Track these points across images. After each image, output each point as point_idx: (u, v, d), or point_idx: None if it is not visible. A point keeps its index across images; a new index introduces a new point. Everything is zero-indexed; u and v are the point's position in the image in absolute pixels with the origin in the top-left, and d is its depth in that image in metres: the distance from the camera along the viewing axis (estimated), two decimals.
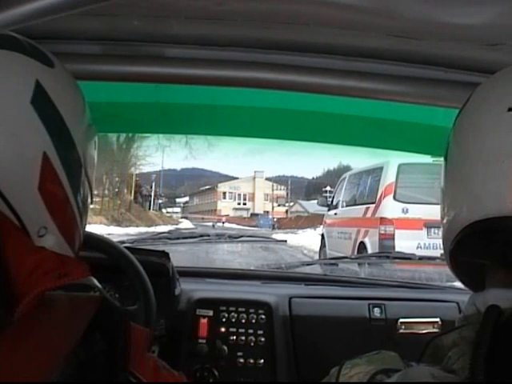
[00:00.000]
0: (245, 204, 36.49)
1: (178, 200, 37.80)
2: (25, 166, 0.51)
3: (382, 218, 5.88)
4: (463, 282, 0.65)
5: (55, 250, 0.53)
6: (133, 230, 13.13)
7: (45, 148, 0.52)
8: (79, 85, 0.65)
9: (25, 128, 0.52)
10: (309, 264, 2.25)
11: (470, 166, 0.55)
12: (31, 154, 0.52)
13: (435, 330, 1.42)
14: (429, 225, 5.45)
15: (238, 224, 24.43)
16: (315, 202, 10.12)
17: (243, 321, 1.40)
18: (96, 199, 17.05)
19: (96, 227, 10.93)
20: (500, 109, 0.53)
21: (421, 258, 2.01)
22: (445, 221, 0.59)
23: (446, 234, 0.59)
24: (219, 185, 36.54)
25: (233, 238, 2.40)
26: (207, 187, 37.93)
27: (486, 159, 0.52)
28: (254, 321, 1.40)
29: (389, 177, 6.02)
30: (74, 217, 0.60)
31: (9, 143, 0.50)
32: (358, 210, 6.65)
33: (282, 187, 34.72)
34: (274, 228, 23.02)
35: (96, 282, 1.11)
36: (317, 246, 8.38)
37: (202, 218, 29.12)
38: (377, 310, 1.46)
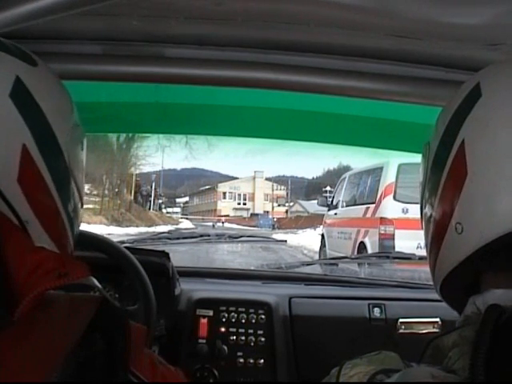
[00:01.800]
0: (245, 204, 36.46)
1: (178, 200, 37.78)
2: (3, 157, 0.52)
3: (381, 218, 5.88)
4: (451, 304, 0.64)
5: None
6: (133, 230, 13.12)
7: (24, 140, 0.53)
8: (79, 85, 0.65)
9: (3, 120, 0.53)
10: (309, 264, 2.25)
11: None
12: (10, 145, 0.53)
13: (435, 330, 1.42)
14: None
15: (237, 224, 24.42)
16: (315, 202, 10.11)
17: (243, 321, 1.40)
18: (96, 199, 17.05)
19: (96, 227, 10.92)
20: None
21: (421, 258, 2.01)
22: (450, 238, 0.56)
23: (452, 251, 0.56)
24: (219, 185, 36.51)
25: (233, 238, 2.39)
26: (207, 187, 37.89)
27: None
28: (253, 321, 1.40)
29: (389, 177, 6.02)
30: (59, 215, 0.59)
31: None
32: (358, 210, 6.65)
33: (282, 187, 34.69)
34: (273, 228, 23.02)
35: (96, 282, 1.11)
36: (317, 246, 8.37)
37: (202, 218, 29.13)
38: (377, 310, 1.46)
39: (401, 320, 1.43)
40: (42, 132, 0.56)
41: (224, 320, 1.39)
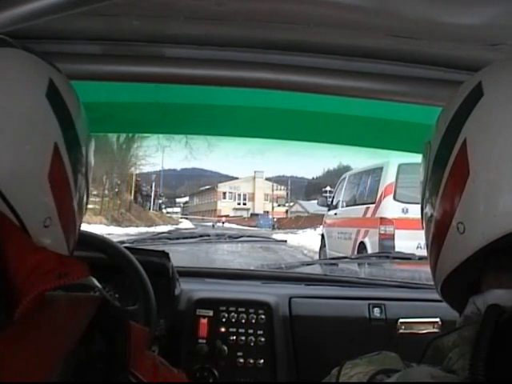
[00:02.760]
0: (245, 204, 36.43)
1: (177, 200, 37.78)
2: (37, 153, 0.54)
3: (381, 218, 5.89)
4: (451, 303, 0.64)
5: (53, 243, 0.56)
6: (133, 230, 13.11)
7: (56, 139, 0.56)
8: (79, 85, 0.66)
9: (40, 118, 0.55)
10: (309, 264, 2.25)
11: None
12: (44, 142, 0.55)
13: (435, 330, 1.42)
14: None
15: (237, 224, 24.40)
16: (315, 202, 10.11)
17: (243, 321, 1.40)
18: (96, 199, 17.05)
19: (96, 227, 10.92)
20: None
21: (421, 258, 2.01)
22: (451, 237, 0.55)
23: (453, 251, 0.55)
24: (219, 185, 36.48)
25: (233, 238, 2.40)
26: (207, 187, 37.86)
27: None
28: (253, 321, 1.40)
29: (389, 177, 6.03)
30: (74, 213, 0.62)
31: (24, 130, 0.53)
32: (357, 210, 6.66)
33: (282, 187, 34.67)
34: (273, 228, 23.00)
35: (96, 282, 1.12)
36: (317, 246, 8.37)
37: (202, 218, 29.12)
38: (377, 310, 1.46)
39: (401, 320, 1.43)
40: (69, 132, 0.58)
41: (224, 320, 1.39)
